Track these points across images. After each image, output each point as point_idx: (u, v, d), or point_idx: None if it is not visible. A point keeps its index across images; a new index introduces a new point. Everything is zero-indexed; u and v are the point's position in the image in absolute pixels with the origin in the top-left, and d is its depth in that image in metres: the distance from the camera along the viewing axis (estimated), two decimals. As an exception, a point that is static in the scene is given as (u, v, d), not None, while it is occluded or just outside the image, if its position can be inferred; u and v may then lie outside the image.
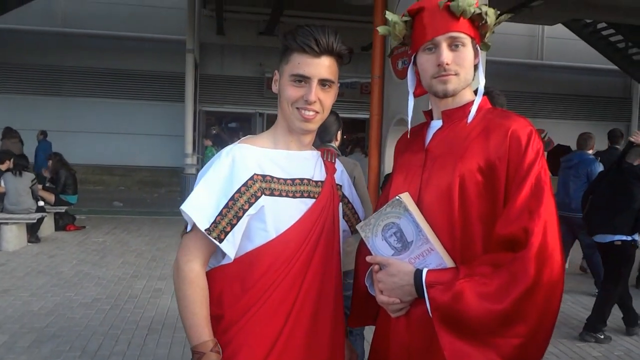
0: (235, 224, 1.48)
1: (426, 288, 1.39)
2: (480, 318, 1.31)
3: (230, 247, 1.49)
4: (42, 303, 5.26)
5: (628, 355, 4.56)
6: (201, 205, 1.47)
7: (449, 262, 1.41)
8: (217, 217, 1.46)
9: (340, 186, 1.76)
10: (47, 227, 8.64)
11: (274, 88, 1.63)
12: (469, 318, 1.32)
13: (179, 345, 4.35)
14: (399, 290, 1.44)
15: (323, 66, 1.52)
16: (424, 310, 1.43)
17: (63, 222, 9.07)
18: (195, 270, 1.50)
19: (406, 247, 1.46)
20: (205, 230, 1.45)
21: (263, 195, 1.51)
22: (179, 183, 14.48)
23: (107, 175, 15.92)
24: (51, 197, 8.91)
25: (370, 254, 1.54)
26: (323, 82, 1.54)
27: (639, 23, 12.98)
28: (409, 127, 1.65)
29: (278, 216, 1.53)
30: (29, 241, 7.92)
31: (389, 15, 1.53)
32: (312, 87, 1.51)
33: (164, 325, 4.79)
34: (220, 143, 14.43)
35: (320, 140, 3.17)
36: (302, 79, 1.52)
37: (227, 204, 1.47)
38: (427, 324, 1.44)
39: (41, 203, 8.31)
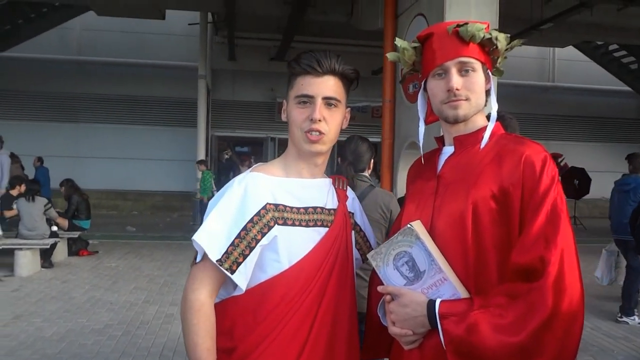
0: (248, 255, 1.45)
1: (439, 319, 1.35)
2: (495, 351, 1.26)
3: (242, 278, 1.46)
4: (54, 329, 5.25)
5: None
6: (213, 236, 1.45)
7: (462, 292, 1.38)
8: (228, 247, 1.44)
9: (352, 214, 1.74)
10: (60, 252, 8.67)
11: (283, 117, 1.63)
12: (484, 351, 1.27)
13: (190, 373, 4.30)
14: (412, 322, 1.40)
15: (326, 85, 1.52)
16: (437, 342, 1.39)
17: (76, 247, 9.10)
18: (200, 300, 1.47)
19: (419, 276, 1.42)
20: (217, 261, 1.43)
21: (276, 225, 1.49)
22: (191, 208, 14.52)
23: (121, 200, 16.04)
24: (64, 223, 8.96)
25: (382, 284, 1.51)
26: (328, 102, 1.53)
27: (650, 44, 12.95)
28: (422, 152, 1.63)
29: (291, 246, 1.51)
30: (42, 266, 7.94)
31: (398, 42, 1.53)
32: (316, 105, 1.51)
33: (176, 352, 4.74)
34: (233, 167, 14.52)
35: (354, 169, 2.88)
36: (306, 99, 1.52)
37: (239, 234, 1.45)
38: (441, 356, 1.40)
39: (54, 228, 8.38)
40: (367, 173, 3.01)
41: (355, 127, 13.94)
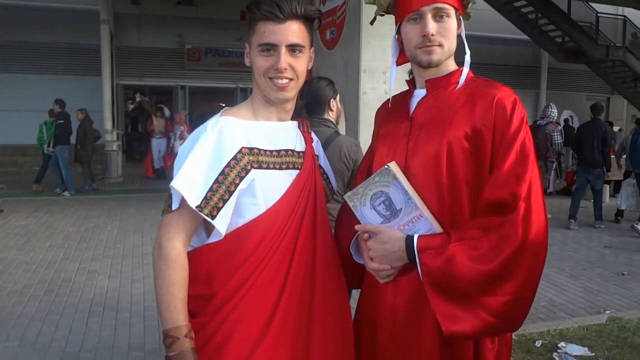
0: (228, 199, 1.44)
1: (417, 253, 1.43)
2: (471, 279, 1.37)
3: (223, 223, 1.45)
4: (-33, 293, 4.94)
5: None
6: (190, 182, 1.42)
7: (437, 228, 1.46)
8: (207, 193, 1.42)
9: (317, 156, 1.76)
10: (-40, 213, 8.07)
11: (247, 61, 1.59)
12: (461, 280, 1.37)
13: (124, 326, 4.24)
14: (390, 257, 1.48)
15: (289, 31, 1.49)
16: (411, 275, 1.49)
17: (-23, 207, 8.48)
18: (177, 248, 1.44)
19: (395, 214, 1.50)
20: (197, 207, 1.40)
21: (252, 169, 1.48)
22: (99, 161, 13.84)
23: (19, 156, 15.00)
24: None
25: (355, 223, 1.57)
26: (292, 48, 1.51)
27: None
28: (390, 96, 1.67)
29: (267, 189, 1.51)
30: (-60, 229, 7.37)
31: (375, -15, 1.54)
32: (281, 54, 1.49)
33: (105, 307, 4.63)
34: (144, 116, 13.88)
35: (310, 112, 2.70)
36: (269, 48, 1.49)
37: (217, 179, 1.43)
38: (413, 287, 1.50)
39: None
40: (330, 116, 2.78)
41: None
